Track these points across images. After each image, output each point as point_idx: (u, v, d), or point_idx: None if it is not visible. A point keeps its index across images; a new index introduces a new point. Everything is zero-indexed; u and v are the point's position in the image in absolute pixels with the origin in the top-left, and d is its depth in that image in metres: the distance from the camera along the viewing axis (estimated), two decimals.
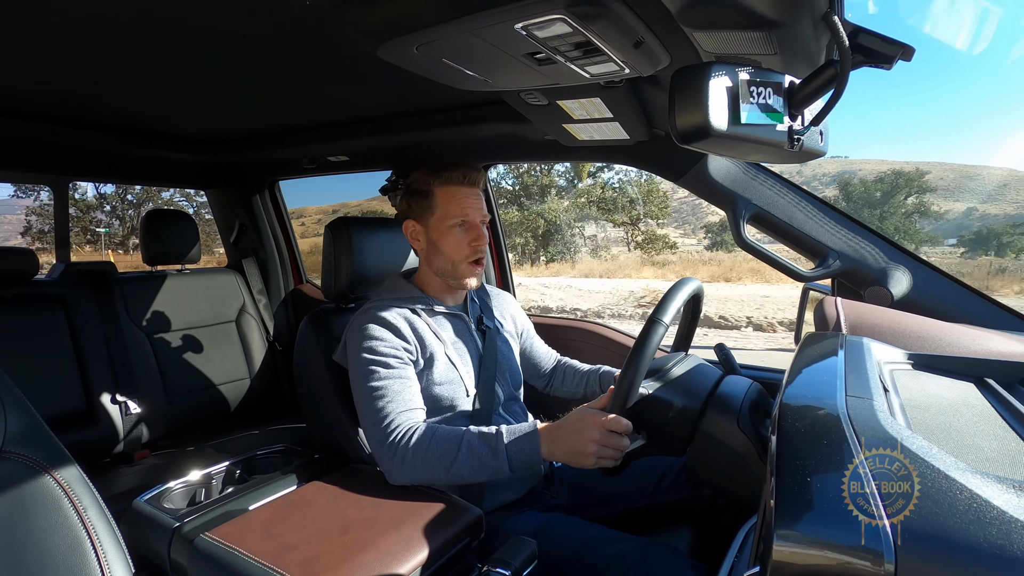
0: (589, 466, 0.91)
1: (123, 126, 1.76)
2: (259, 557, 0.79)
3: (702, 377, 1.00)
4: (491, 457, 0.95)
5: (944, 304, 1.10)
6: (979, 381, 0.69)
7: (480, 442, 0.97)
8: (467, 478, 0.96)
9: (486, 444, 0.96)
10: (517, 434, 0.96)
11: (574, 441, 0.91)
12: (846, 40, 0.62)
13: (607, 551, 0.92)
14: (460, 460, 0.96)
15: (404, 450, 0.98)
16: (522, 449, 0.95)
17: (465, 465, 0.95)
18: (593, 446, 0.89)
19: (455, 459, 0.96)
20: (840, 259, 1.18)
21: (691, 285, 0.98)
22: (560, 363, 1.42)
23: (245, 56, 1.13)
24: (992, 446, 0.49)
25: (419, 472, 0.97)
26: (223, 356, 2.09)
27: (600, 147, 1.41)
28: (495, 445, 0.95)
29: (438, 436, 0.98)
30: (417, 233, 1.20)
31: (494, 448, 0.95)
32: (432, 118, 1.55)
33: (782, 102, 0.68)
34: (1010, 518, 0.35)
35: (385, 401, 1.03)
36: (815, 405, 0.52)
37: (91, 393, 1.71)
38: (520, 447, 0.95)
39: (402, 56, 0.88)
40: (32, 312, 1.66)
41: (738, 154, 0.91)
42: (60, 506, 0.68)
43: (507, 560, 0.74)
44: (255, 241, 2.37)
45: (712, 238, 30.67)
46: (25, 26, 0.97)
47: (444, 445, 0.97)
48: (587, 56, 0.81)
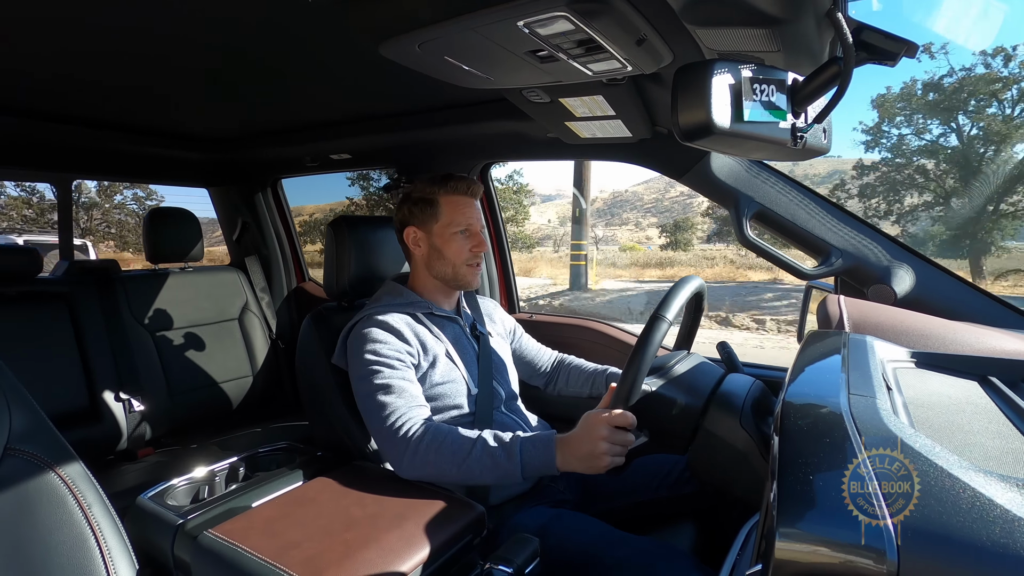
0: (603, 468, 0.91)
1: (127, 124, 1.77)
2: (262, 554, 0.79)
3: (704, 375, 1.00)
4: (505, 458, 0.95)
5: (948, 302, 1.10)
6: (983, 379, 0.69)
7: (496, 442, 0.97)
8: (477, 477, 0.96)
9: (501, 445, 0.96)
10: (534, 440, 0.97)
11: (585, 444, 0.91)
12: (850, 37, 0.62)
13: (613, 552, 0.92)
14: (473, 457, 0.96)
15: (417, 442, 0.98)
16: (537, 455, 0.95)
17: (477, 463, 0.95)
18: (603, 444, 0.90)
19: (468, 455, 0.96)
20: (843, 257, 1.17)
21: (694, 283, 0.98)
22: (564, 362, 1.42)
23: (248, 54, 1.13)
24: (996, 444, 0.49)
25: (430, 465, 0.97)
26: (226, 354, 2.09)
27: (602, 145, 1.41)
28: (510, 448, 0.96)
29: (454, 432, 0.99)
30: (419, 239, 1.22)
31: (509, 450, 0.96)
32: (434, 116, 1.55)
33: (785, 99, 0.68)
34: (1013, 517, 0.35)
35: (393, 397, 1.03)
36: (818, 403, 0.52)
37: (95, 391, 1.72)
38: (535, 453, 0.95)
39: (404, 54, 0.88)
40: (36, 310, 1.67)
41: (741, 152, 0.91)
42: (64, 503, 0.68)
43: (509, 558, 0.74)
44: (258, 239, 2.38)
45: (668, 237, 29.68)
46: (30, 25, 0.97)
47: (459, 441, 0.97)
48: (589, 53, 0.81)
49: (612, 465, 0.91)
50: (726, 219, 5.78)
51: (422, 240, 1.22)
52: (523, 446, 0.96)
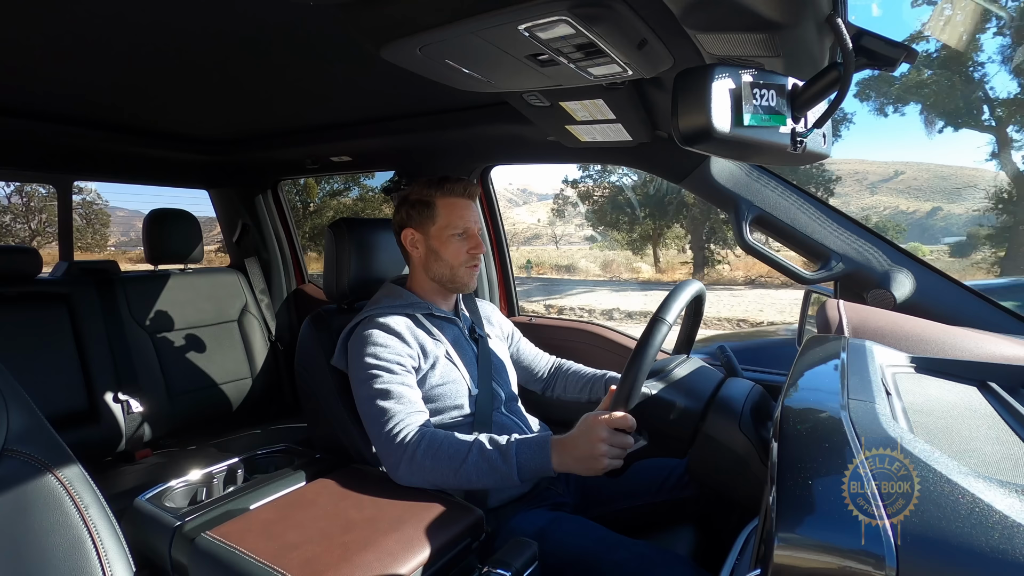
0: (601, 469, 0.91)
1: (127, 126, 1.77)
2: (260, 556, 0.79)
3: (704, 379, 1.00)
4: (501, 461, 0.95)
5: (947, 307, 1.10)
6: (982, 385, 0.69)
7: (492, 446, 0.97)
8: (475, 481, 0.96)
9: (497, 449, 0.97)
10: (529, 442, 0.97)
11: (584, 446, 0.91)
12: (849, 43, 0.62)
13: (611, 556, 0.92)
14: (470, 462, 0.96)
15: (414, 448, 0.98)
16: (532, 456, 0.95)
17: (474, 468, 0.96)
18: (602, 446, 0.90)
19: (464, 460, 0.96)
20: (843, 262, 1.17)
21: (693, 287, 0.98)
22: (562, 367, 1.42)
23: (249, 57, 1.13)
24: (995, 450, 0.49)
25: (427, 471, 0.98)
26: (225, 356, 2.09)
27: (602, 149, 1.41)
28: (506, 451, 0.96)
29: (450, 438, 0.99)
30: (416, 241, 1.23)
31: (504, 453, 0.96)
32: (435, 119, 1.55)
33: (785, 104, 0.68)
34: (1012, 523, 0.35)
35: (392, 402, 1.03)
36: (817, 408, 0.52)
37: (93, 392, 1.72)
38: (531, 454, 0.95)
39: (405, 57, 0.88)
40: (35, 311, 1.67)
41: (741, 156, 0.91)
42: (62, 505, 0.68)
43: (508, 561, 0.73)
44: (258, 241, 2.38)
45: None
46: (30, 26, 0.97)
47: (456, 446, 0.98)
48: (590, 58, 0.81)
49: (610, 467, 0.91)
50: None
51: (419, 242, 1.22)
52: (519, 448, 0.96)
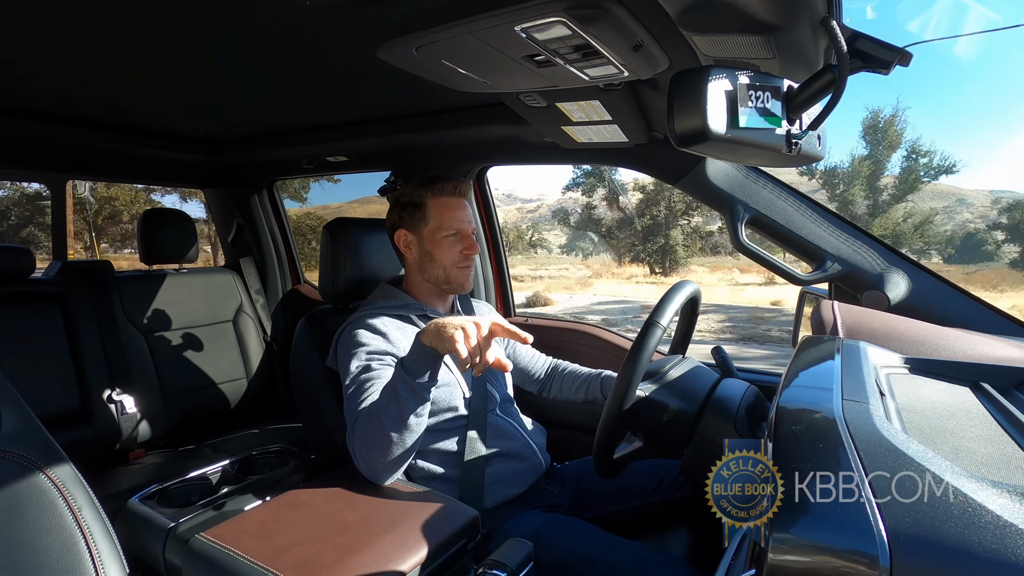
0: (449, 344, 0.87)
1: (121, 125, 1.76)
2: (254, 558, 0.79)
3: (699, 380, 1.00)
4: (397, 377, 0.93)
5: (941, 309, 1.10)
6: (975, 386, 0.69)
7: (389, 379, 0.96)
8: (395, 414, 0.93)
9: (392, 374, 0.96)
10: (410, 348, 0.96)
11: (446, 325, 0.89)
12: (844, 45, 0.62)
13: (606, 557, 0.92)
14: (382, 404, 0.94)
15: (360, 436, 0.97)
16: (411, 351, 0.94)
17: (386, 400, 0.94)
18: (455, 332, 0.86)
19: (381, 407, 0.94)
20: (838, 263, 1.18)
21: (688, 288, 0.98)
22: (558, 368, 1.42)
23: (245, 56, 1.13)
24: (987, 450, 0.50)
25: (375, 446, 0.95)
26: (220, 356, 2.08)
27: (598, 150, 1.41)
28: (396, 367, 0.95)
29: (372, 405, 0.97)
30: (409, 243, 1.22)
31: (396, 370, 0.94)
32: (431, 119, 1.55)
33: (780, 106, 0.68)
34: (1005, 523, 0.35)
35: (365, 401, 1.02)
36: (811, 408, 0.52)
37: (87, 392, 1.70)
38: (411, 352, 0.94)
39: (402, 57, 0.88)
40: (28, 310, 1.65)
41: (736, 157, 0.91)
42: (55, 506, 0.68)
43: (503, 562, 0.73)
44: (253, 241, 2.37)
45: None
46: (24, 25, 0.97)
47: (375, 405, 0.96)
48: (586, 59, 0.81)
49: (458, 352, 0.86)
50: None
51: (413, 244, 1.22)
52: (403, 359, 0.95)
